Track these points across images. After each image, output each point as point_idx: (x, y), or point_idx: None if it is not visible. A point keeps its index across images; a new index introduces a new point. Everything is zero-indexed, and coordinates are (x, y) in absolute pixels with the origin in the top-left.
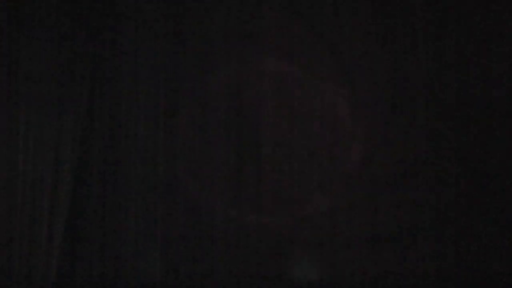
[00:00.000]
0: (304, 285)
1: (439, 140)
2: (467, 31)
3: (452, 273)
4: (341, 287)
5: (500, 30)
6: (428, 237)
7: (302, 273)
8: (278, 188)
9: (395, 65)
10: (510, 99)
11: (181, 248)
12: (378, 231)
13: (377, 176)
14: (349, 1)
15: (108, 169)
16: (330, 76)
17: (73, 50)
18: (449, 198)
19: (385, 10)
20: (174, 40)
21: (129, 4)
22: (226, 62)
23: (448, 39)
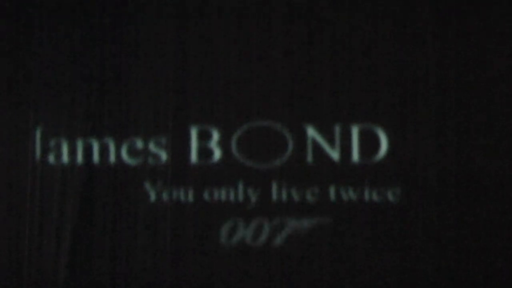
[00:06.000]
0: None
1: (440, 140)
2: (469, 31)
3: (452, 273)
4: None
5: (502, 30)
6: (428, 237)
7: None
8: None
9: (399, 65)
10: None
11: (189, 256)
12: (379, 232)
13: (379, 176)
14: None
15: (118, 174)
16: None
17: (83, 56)
18: (450, 198)
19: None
20: (183, 47)
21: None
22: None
23: (450, 39)
